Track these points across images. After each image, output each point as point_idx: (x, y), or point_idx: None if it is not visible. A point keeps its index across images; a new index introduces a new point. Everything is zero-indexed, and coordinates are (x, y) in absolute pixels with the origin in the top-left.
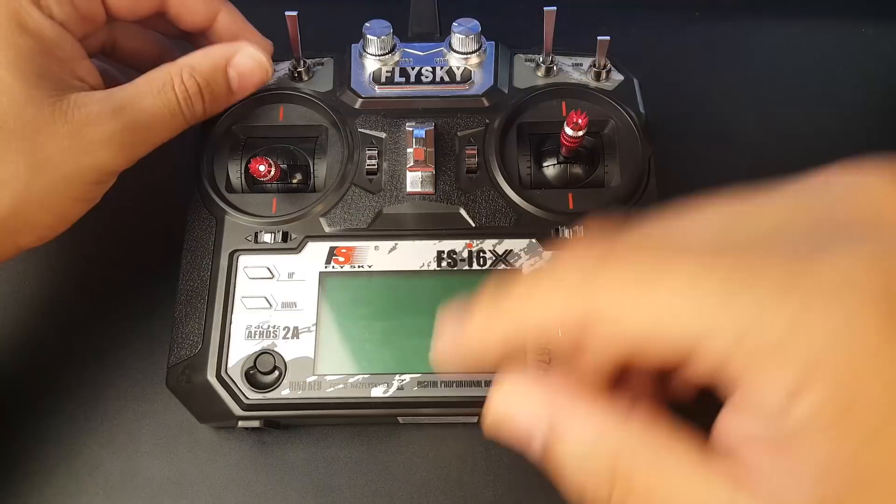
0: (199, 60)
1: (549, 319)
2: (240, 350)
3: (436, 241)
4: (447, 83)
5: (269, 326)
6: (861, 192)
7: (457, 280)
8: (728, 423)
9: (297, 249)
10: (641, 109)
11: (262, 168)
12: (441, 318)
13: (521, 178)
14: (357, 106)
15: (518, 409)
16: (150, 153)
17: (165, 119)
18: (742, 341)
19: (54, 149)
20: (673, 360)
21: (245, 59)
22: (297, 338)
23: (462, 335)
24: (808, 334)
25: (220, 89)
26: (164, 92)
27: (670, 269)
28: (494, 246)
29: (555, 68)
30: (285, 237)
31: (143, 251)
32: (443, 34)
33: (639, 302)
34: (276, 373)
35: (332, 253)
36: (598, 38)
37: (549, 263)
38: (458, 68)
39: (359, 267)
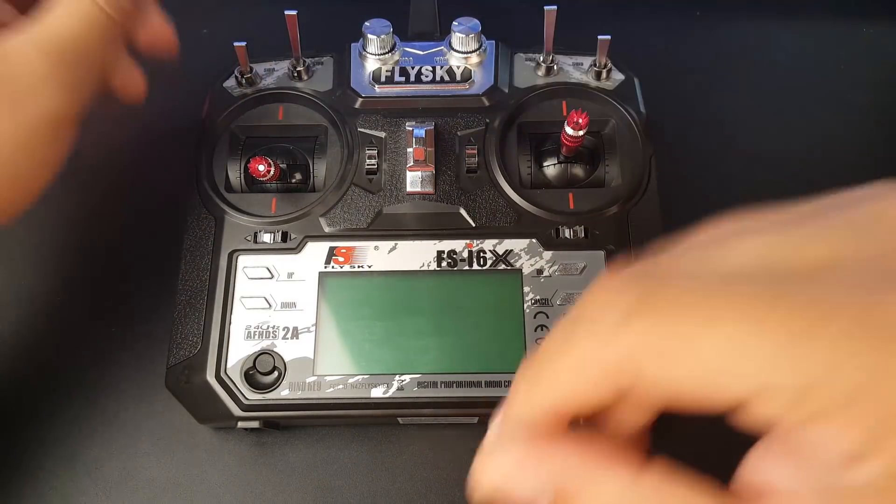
0: None
1: (589, 379)
2: (239, 350)
3: (436, 241)
4: (447, 83)
5: (268, 327)
6: None
7: (457, 280)
8: (761, 464)
9: (296, 249)
10: (642, 109)
11: (261, 168)
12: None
13: (521, 178)
14: (357, 105)
15: (515, 480)
16: (150, 153)
17: (94, 34)
18: (805, 397)
19: None
20: (719, 411)
21: None
22: (297, 338)
23: (507, 422)
24: (881, 390)
25: None
26: (81, 5)
27: (721, 312)
28: (494, 246)
29: (555, 68)
30: (285, 237)
31: (142, 251)
32: (443, 33)
33: (687, 354)
34: (276, 373)
35: (331, 253)
36: (599, 37)
37: (580, 303)
38: (458, 68)
39: (358, 267)
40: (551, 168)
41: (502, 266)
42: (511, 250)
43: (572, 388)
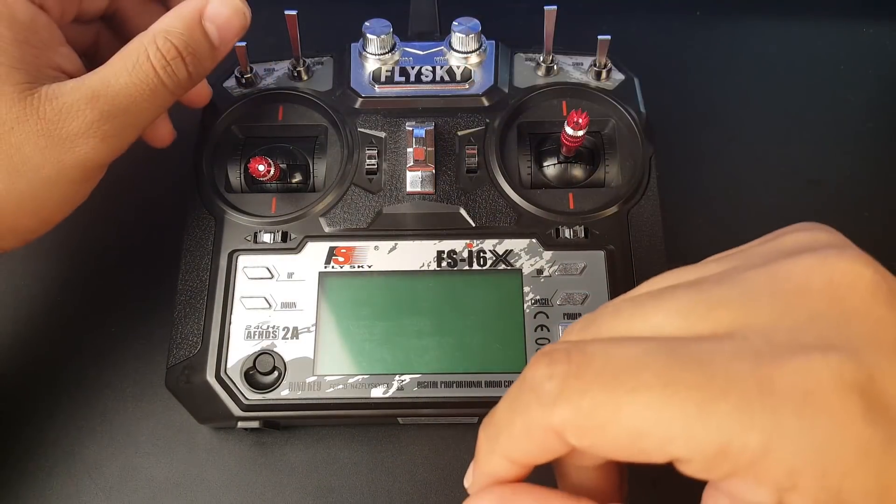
0: (170, 22)
1: (536, 440)
2: (239, 350)
3: (436, 241)
4: (447, 82)
5: (268, 327)
6: (828, 277)
7: (457, 280)
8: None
9: (296, 249)
10: (642, 109)
11: (261, 168)
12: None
13: (521, 178)
14: (357, 105)
15: None
16: (150, 153)
17: (145, 97)
18: (719, 459)
19: (31, 150)
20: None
21: (219, 6)
22: (297, 338)
23: (476, 474)
24: (783, 448)
25: (200, 47)
26: (139, 67)
27: (635, 386)
28: (495, 246)
29: (555, 67)
30: (285, 237)
31: (142, 251)
32: (443, 33)
33: (610, 425)
34: (276, 373)
35: (331, 253)
36: (599, 37)
37: (526, 369)
38: (458, 67)
39: (358, 267)
40: (551, 168)
41: (502, 266)
42: (511, 250)
43: (523, 447)
